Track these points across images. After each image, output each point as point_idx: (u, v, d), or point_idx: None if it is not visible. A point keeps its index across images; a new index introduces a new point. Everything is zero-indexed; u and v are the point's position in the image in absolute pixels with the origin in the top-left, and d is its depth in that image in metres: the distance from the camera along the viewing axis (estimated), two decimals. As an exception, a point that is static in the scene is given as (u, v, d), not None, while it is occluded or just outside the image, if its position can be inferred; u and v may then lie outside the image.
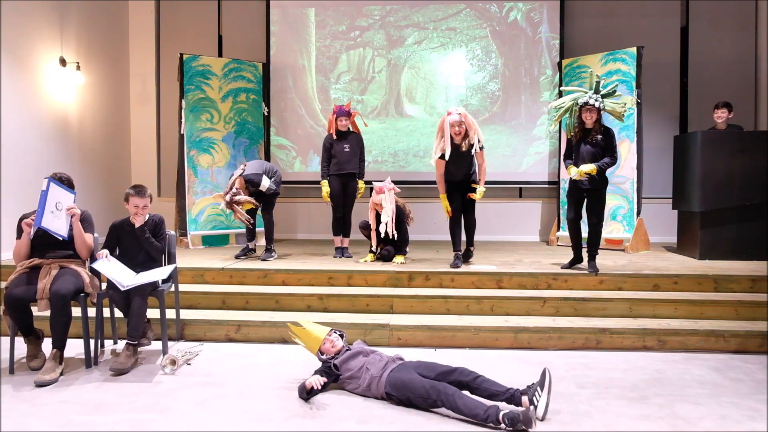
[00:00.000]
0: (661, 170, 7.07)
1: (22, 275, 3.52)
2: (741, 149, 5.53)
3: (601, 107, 4.56)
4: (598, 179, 4.65)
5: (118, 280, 3.51)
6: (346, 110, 5.55)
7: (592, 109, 4.55)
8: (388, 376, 3.00)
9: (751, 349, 3.92)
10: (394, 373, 3.01)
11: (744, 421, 2.82)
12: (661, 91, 7.24)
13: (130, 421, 2.82)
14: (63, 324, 3.45)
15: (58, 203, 3.54)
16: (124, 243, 3.88)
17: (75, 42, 6.54)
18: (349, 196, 5.64)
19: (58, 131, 6.27)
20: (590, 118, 4.58)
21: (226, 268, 4.92)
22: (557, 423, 2.79)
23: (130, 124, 7.79)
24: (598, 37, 7.27)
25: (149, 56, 7.75)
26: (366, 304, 4.44)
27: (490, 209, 7.18)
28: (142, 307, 3.58)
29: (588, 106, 4.55)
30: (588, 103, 4.54)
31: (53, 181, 3.54)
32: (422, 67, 7.52)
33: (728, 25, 7.22)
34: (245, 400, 3.09)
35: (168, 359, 3.53)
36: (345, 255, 5.62)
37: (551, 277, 4.65)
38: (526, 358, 3.80)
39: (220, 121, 6.89)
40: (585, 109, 4.57)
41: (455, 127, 4.75)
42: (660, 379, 3.41)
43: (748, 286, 4.54)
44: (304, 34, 7.60)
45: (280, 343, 4.12)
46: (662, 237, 6.88)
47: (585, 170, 4.55)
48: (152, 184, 7.67)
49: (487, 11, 7.44)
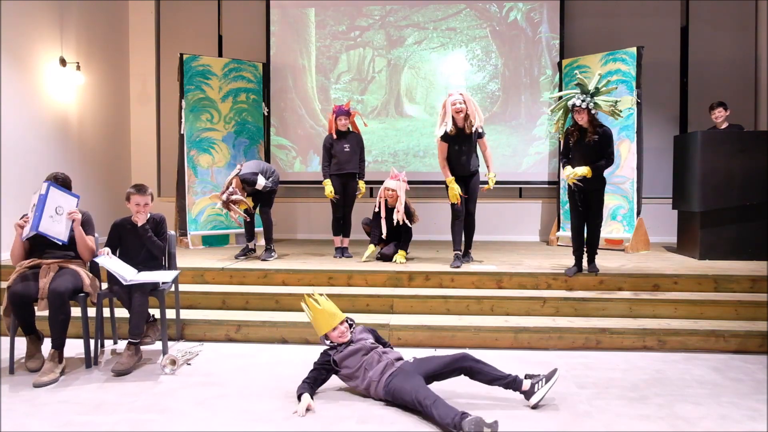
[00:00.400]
0: (661, 170, 7.07)
1: (24, 274, 3.52)
2: (741, 149, 5.53)
3: (590, 107, 4.55)
4: (595, 180, 4.60)
5: (120, 275, 3.52)
6: (345, 110, 5.55)
7: (580, 110, 4.56)
8: (386, 383, 2.97)
9: (751, 349, 3.92)
10: (392, 380, 2.96)
11: (744, 421, 2.82)
12: (661, 91, 7.24)
13: (130, 421, 2.82)
14: (61, 322, 3.44)
15: (59, 207, 3.52)
16: (126, 242, 3.88)
17: (75, 42, 6.54)
18: (349, 196, 5.64)
19: (58, 131, 6.27)
20: (581, 119, 4.58)
21: (226, 268, 4.92)
22: (557, 423, 2.79)
23: (130, 124, 7.80)
24: (598, 37, 7.27)
25: (149, 56, 7.75)
26: (366, 304, 4.44)
27: (490, 209, 7.19)
28: (143, 305, 3.57)
29: (576, 107, 4.56)
30: (576, 105, 4.56)
31: (53, 185, 3.53)
32: (422, 67, 7.52)
33: (728, 25, 7.22)
34: (245, 400, 3.09)
35: (168, 359, 3.53)
36: (345, 255, 5.62)
37: (551, 277, 4.65)
38: (526, 358, 3.80)
39: (220, 121, 6.89)
40: (575, 110, 4.58)
41: (457, 105, 4.81)
42: (660, 379, 3.41)
43: (748, 286, 4.54)
44: (304, 34, 7.60)
45: (280, 343, 4.12)
46: (662, 237, 6.88)
47: (579, 173, 4.53)
48: (152, 184, 7.67)
49: (487, 11, 7.44)
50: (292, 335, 4.15)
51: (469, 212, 5.18)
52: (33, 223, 3.43)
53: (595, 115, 4.55)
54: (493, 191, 5.31)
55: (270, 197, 5.56)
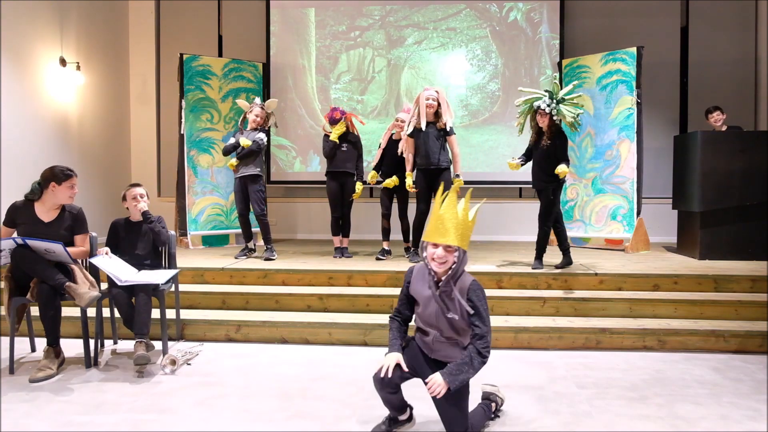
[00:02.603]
0: (661, 170, 7.07)
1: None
2: (741, 149, 5.53)
3: (553, 113, 4.66)
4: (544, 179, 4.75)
5: (115, 275, 3.51)
6: (336, 118, 5.53)
7: (543, 114, 4.69)
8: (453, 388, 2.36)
9: (751, 349, 3.92)
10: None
11: (744, 421, 2.82)
12: (661, 91, 7.24)
13: (130, 421, 2.82)
14: (51, 318, 3.43)
15: (47, 249, 3.45)
16: (125, 241, 3.87)
17: (75, 42, 6.54)
18: (347, 196, 5.64)
19: (58, 131, 6.27)
20: (542, 122, 4.73)
21: (226, 268, 4.92)
22: (557, 423, 2.79)
23: (130, 124, 7.80)
24: (598, 37, 7.28)
25: (149, 56, 7.75)
26: (366, 304, 4.44)
27: (490, 209, 7.19)
28: (147, 304, 3.54)
29: (540, 110, 4.69)
30: (540, 107, 4.69)
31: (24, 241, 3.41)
32: (422, 67, 7.52)
33: (728, 25, 7.22)
34: (245, 400, 3.09)
35: (168, 359, 3.53)
36: (345, 255, 5.62)
37: (551, 277, 4.65)
38: (526, 358, 3.80)
39: (220, 121, 6.89)
40: (538, 113, 4.72)
41: (429, 101, 5.05)
42: (660, 379, 3.41)
43: (748, 286, 4.54)
44: (304, 34, 7.60)
45: (280, 343, 4.12)
46: (662, 237, 6.89)
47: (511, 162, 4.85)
48: (152, 184, 7.68)
49: (487, 11, 7.44)
50: (292, 335, 4.15)
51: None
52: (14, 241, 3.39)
53: (557, 123, 4.70)
54: (494, 191, 5.32)
55: (259, 195, 5.46)
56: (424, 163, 5.12)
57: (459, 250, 2.42)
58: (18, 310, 3.57)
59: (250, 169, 5.45)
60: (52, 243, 3.39)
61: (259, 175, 5.50)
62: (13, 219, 3.57)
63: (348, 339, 4.10)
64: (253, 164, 5.46)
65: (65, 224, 3.61)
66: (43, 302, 3.39)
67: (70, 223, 3.63)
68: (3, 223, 3.59)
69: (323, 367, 3.63)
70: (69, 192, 3.60)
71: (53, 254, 3.44)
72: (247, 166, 5.45)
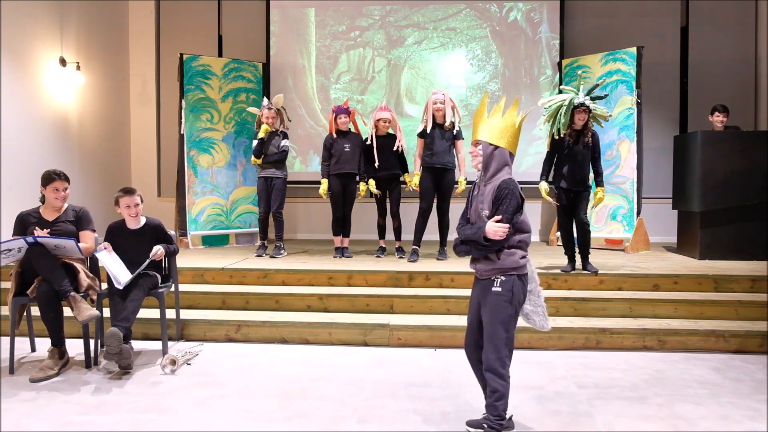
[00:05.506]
0: (661, 170, 7.06)
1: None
2: (741, 149, 5.53)
3: (591, 107, 4.64)
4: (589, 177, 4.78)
5: (116, 277, 3.52)
6: (345, 108, 5.58)
7: (583, 111, 4.58)
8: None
9: (751, 349, 3.92)
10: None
11: (744, 421, 2.82)
12: (661, 91, 7.23)
13: (130, 421, 2.82)
14: (52, 320, 3.45)
15: (57, 245, 3.49)
16: (121, 246, 3.77)
17: (75, 42, 6.54)
18: (349, 196, 5.64)
19: (58, 131, 6.27)
20: (582, 120, 4.60)
21: (226, 268, 4.92)
22: (557, 423, 2.79)
23: (130, 124, 7.79)
24: (598, 37, 7.26)
25: (149, 56, 7.74)
26: (366, 304, 4.44)
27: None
28: (137, 300, 3.53)
29: (583, 107, 4.56)
30: (583, 104, 4.56)
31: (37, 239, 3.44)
32: (422, 67, 7.52)
33: (728, 25, 7.21)
34: (245, 400, 3.09)
35: (168, 359, 3.53)
36: (345, 255, 5.62)
37: (551, 277, 4.65)
38: (526, 358, 3.80)
39: (220, 121, 6.88)
40: (577, 110, 4.57)
41: (438, 104, 5.23)
42: (660, 379, 3.41)
43: (748, 286, 4.54)
44: (304, 34, 7.60)
45: (280, 343, 4.12)
46: (662, 237, 6.88)
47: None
48: (152, 184, 7.67)
49: (487, 11, 7.44)
50: (292, 335, 4.15)
51: (442, 210, 5.46)
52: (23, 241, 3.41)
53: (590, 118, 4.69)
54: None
55: (280, 194, 5.69)
56: (430, 162, 5.29)
57: (482, 143, 2.58)
58: (18, 310, 3.58)
59: (275, 172, 5.71)
60: (63, 239, 3.45)
61: (283, 177, 5.76)
62: (24, 226, 3.61)
63: (348, 339, 4.10)
64: (279, 169, 5.74)
65: (68, 220, 3.67)
66: (43, 303, 3.40)
67: (72, 220, 3.68)
68: (13, 234, 3.61)
69: (323, 367, 3.63)
70: (53, 194, 3.61)
71: (63, 249, 3.48)
72: (272, 169, 5.70)
